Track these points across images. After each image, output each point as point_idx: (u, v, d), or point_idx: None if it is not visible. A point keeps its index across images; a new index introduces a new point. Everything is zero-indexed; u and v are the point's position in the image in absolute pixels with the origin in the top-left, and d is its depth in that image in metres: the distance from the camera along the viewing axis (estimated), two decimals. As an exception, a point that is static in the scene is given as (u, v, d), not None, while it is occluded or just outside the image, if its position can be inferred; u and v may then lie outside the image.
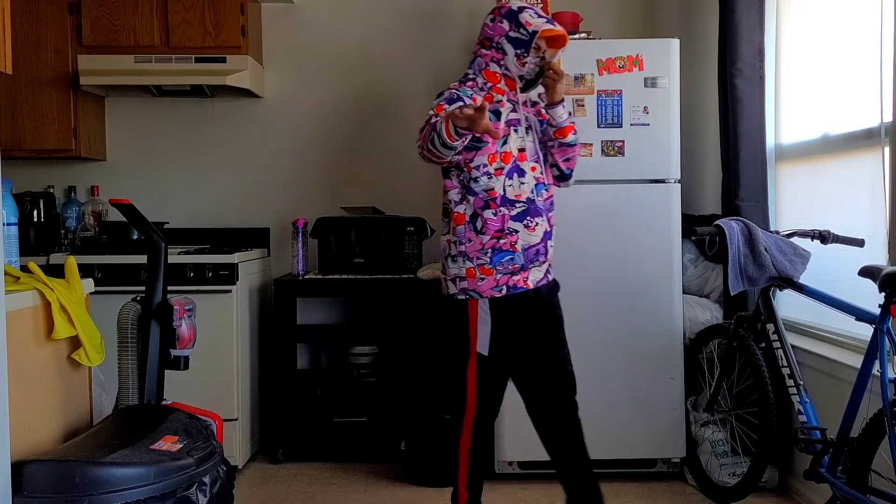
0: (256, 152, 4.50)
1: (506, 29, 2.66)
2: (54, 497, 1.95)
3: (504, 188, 2.67)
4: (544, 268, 2.78)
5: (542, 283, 2.78)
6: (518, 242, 2.69)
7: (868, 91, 2.92)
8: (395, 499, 3.52)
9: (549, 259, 2.79)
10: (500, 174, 2.67)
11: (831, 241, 3.00)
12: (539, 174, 2.75)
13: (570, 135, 2.79)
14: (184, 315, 2.58)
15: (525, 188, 2.70)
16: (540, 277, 2.77)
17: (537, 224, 2.71)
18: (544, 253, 2.76)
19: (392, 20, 4.49)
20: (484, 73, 2.74)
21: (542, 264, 2.76)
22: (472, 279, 2.70)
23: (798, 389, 3.04)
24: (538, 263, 2.75)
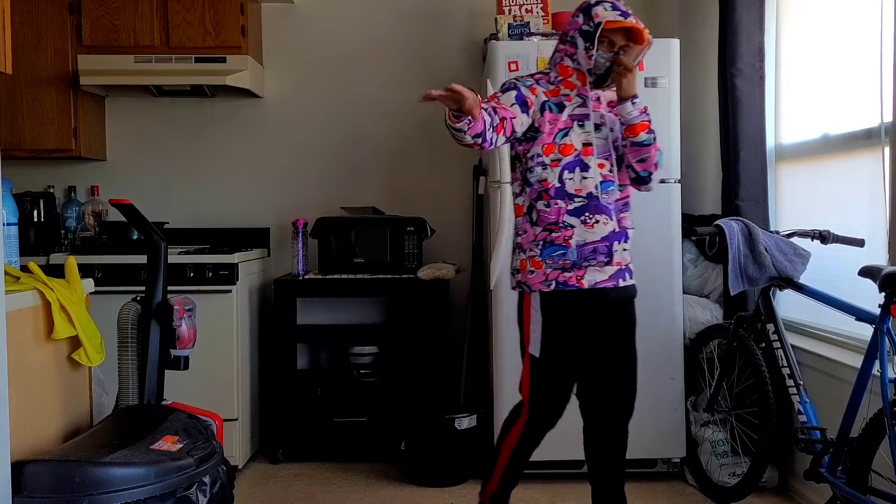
0: (256, 152, 4.50)
1: (579, 23, 2.60)
2: (54, 497, 1.95)
3: (561, 180, 2.59)
4: (609, 270, 2.62)
5: (606, 285, 2.62)
6: (573, 238, 2.59)
7: (868, 91, 2.92)
8: (395, 499, 3.52)
9: (615, 262, 2.63)
10: (555, 166, 2.60)
11: (831, 241, 3.00)
12: (608, 172, 2.62)
13: (641, 133, 2.60)
14: (184, 315, 2.58)
15: (588, 183, 2.59)
16: (601, 279, 2.62)
17: (597, 221, 2.59)
18: (605, 253, 2.61)
19: (392, 20, 4.49)
20: (557, 66, 2.68)
21: (605, 266, 2.61)
22: (524, 271, 2.65)
23: (798, 389, 3.04)
24: (596, 263, 2.61)
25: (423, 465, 3.70)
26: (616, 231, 2.63)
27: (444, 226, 4.36)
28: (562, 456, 3.64)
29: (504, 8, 3.98)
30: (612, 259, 2.62)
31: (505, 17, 3.86)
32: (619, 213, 2.65)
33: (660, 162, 2.66)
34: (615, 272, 2.64)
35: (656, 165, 2.65)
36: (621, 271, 2.66)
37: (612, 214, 2.62)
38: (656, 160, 2.64)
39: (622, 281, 2.66)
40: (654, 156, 2.63)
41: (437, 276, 3.90)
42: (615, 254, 2.62)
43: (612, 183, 2.63)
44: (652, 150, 2.62)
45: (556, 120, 2.61)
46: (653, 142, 2.61)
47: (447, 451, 3.67)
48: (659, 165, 2.66)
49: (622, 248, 2.65)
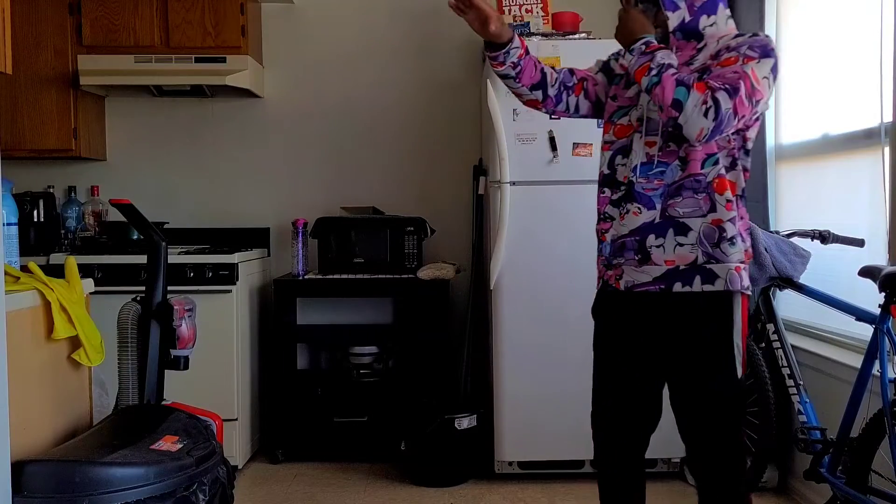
0: (256, 152, 4.50)
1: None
2: (54, 497, 1.95)
3: (611, 166, 2.25)
4: (652, 271, 2.16)
5: (649, 288, 2.17)
6: (609, 231, 2.25)
7: (868, 91, 2.92)
8: (395, 499, 3.52)
9: (655, 261, 2.15)
10: (607, 149, 2.28)
11: (831, 241, 3.00)
12: (656, 151, 2.16)
13: (641, 79, 2.09)
14: (184, 315, 2.58)
15: (625, 169, 2.21)
16: (642, 281, 2.18)
17: (628, 211, 2.19)
18: (634, 249, 2.18)
19: (392, 20, 4.48)
20: None
21: (641, 263, 2.17)
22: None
23: (798, 389, 3.04)
24: (628, 261, 2.20)
25: (423, 465, 3.70)
26: (647, 223, 2.17)
27: (444, 226, 4.36)
28: (561, 456, 3.65)
29: (504, 8, 3.98)
30: (650, 258, 2.17)
31: (505, 17, 3.86)
32: (663, 201, 2.16)
33: (683, 99, 2.00)
34: (662, 274, 2.15)
35: (673, 107, 2.02)
36: (672, 273, 2.15)
37: (648, 203, 2.17)
38: (669, 101, 2.02)
39: (670, 285, 2.15)
40: (662, 97, 2.03)
41: (437, 276, 3.90)
42: (651, 251, 2.16)
43: (652, 165, 2.17)
44: (657, 92, 2.04)
45: (620, 95, 2.29)
46: (657, 81, 2.05)
47: (447, 451, 3.67)
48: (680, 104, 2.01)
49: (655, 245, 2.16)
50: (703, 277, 2.12)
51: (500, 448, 3.67)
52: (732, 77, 2.04)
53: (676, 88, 2.02)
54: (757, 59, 2.07)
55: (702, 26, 2.19)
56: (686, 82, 2.02)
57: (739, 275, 2.14)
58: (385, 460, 3.89)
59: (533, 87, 2.33)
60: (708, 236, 2.13)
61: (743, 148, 2.18)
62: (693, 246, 2.13)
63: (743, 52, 2.08)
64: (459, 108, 4.46)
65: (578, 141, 3.59)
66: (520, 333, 3.64)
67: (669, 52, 2.12)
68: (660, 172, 2.17)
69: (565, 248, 3.60)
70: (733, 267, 2.12)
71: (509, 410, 3.65)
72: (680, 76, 2.04)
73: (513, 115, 3.61)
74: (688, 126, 2.02)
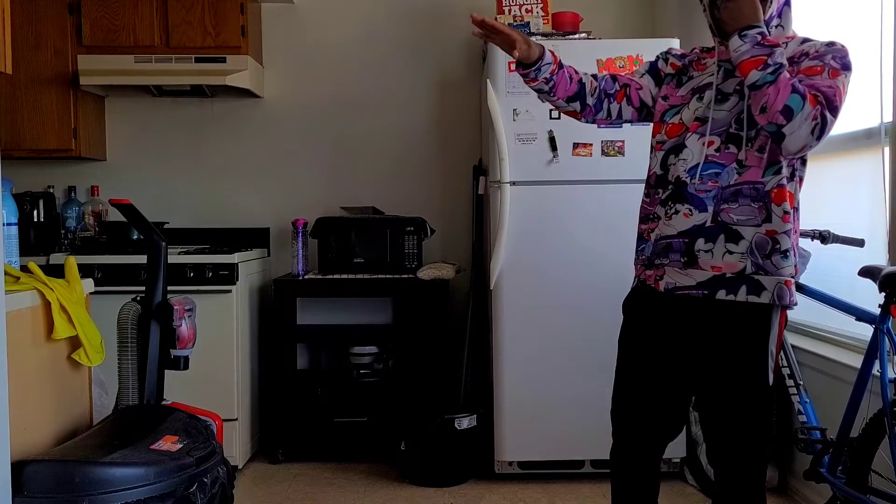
0: (256, 152, 4.50)
1: None
2: (54, 497, 1.95)
3: (664, 166, 2.19)
4: (697, 276, 2.11)
5: (691, 293, 2.12)
6: (655, 231, 2.19)
7: (868, 91, 2.92)
8: (395, 499, 3.52)
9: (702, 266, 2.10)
10: (659, 149, 2.22)
11: (831, 241, 3.00)
12: (714, 151, 2.09)
13: (752, 72, 1.95)
14: (184, 315, 2.57)
15: (678, 168, 2.14)
16: (685, 285, 2.13)
17: (677, 212, 2.13)
18: (680, 251, 2.12)
19: (392, 20, 4.49)
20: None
21: (686, 266, 2.12)
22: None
23: (798, 389, 3.04)
24: (672, 263, 2.15)
25: (423, 465, 3.70)
26: (698, 225, 2.10)
27: (444, 226, 4.36)
28: (561, 456, 3.65)
29: (504, 8, 3.98)
30: (696, 261, 2.11)
31: (505, 17, 3.86)
32: (716, 204, 2.09)
33: (795, 108, 1.90)
34: (708, 279, 2.10)
35: (782, 113, 1.91)
36: (720, 279, 2.08)
37: (700, 205, 2.10)
38: (780, 106, 1.91)
39: (716, 292, 2.09)
40: (773, 100, 1.92)
41: (437, 276, 3.90)
42: (698, 254, 2.10)
43: (713, 165, 2.09)
44: (769, 93, 1.92)
45: (672, 94, 2.26)
46: (771, 80, 1.92)
47: (447, 451, 3.67)
48: (791, 112, 1.91)
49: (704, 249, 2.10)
50: (749, 288, 2.07)
51: (500, 448, 3.67)
52: (829, 92, 1.95)
53: (791, 95, 1.92)
54: (842, 72, 2.00)
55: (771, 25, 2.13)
56: (802, 92, 1.92)
57: (789, 289, 2.08)
58: (385, 460, 3.89)
59: (569, 99, 2.30)
60: (760, 247, 2.06)
61: (801, 158, 2.10)
62: (743, 255, 2.07)
63: (828, 63, 2.01)
64: (459, 108, 4.46)
65: (578, 141, 3.59)
66: (520, 333, 3.64)
67: (783, 52, 2.01)
68: (715, 174, 2.09)
69: (565, 248, 3.60)
70: (783, 281, 2.07)
71: (509, 410, 3.65)
72: (795, 83, 1.94)
73: (513, 116, 3.61)
74: (792, 137, 1.94)
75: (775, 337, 2.12)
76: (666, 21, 4.40)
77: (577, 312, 3.59)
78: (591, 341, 3.52)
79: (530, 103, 3.57)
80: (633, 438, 2.34)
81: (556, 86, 2.28)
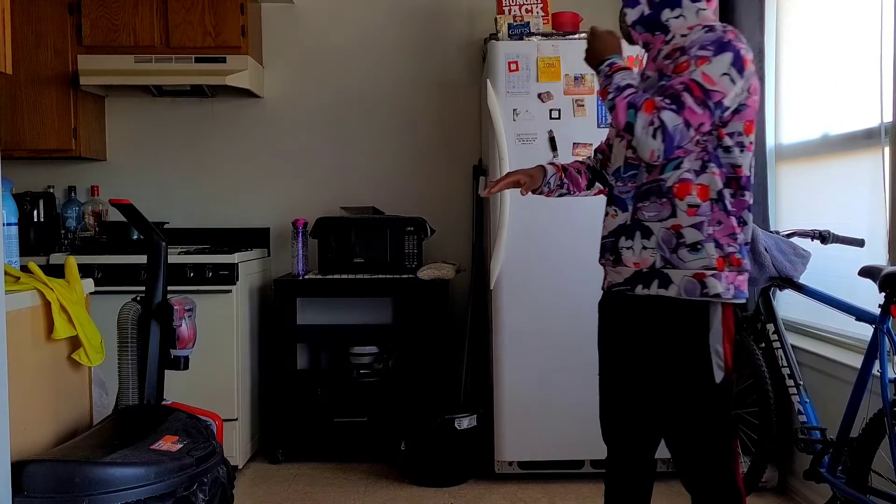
0: (256, 152, 4.50)
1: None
2: (54, 497, 1.95)
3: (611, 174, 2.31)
4: (622, 272, 2.20)
5: (622, 289, 2.21)
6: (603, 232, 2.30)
7: (868, 91, 2.92)
8: (395, 499, 3.52)
9: (626, 262, 2.18)
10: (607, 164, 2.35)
11: (831, 241, 3.00)
12: (632, 154, 2.14)
13: (605, 102, 2.15)
14: (184, 315, 2.57)
15: (609, 172, 2.31)
16: (616, 282, 2.23)
17: (607, 214, 2.27)
18: (610, 250, 2.23)
19: (392, 20, 4.49)
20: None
21: (615, 264, 2.22)
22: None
23: (798, 389, 3.04)
24: (607, 262, 2.27)
25: (423, 465, 3.70)
26: (623, 224, 2.20)
27: (444, 226, 4.36)
28: (561, 456, 3.65)
29: (504, 8, 3.98)
30: (621, 259, 2.20)
31: (505, 17, 3.86)
32: (636, 202, 2.18)
33: (632, 121, 2.02)
34: (631, 275, 2.18)
35: (626, 130, 2.06)
36: (643, 274, 2.15)
37: (622, 205, 2.21)
38: (622, 125, 2.06)
39: (639, 288, 2.16)
40: (617, 121, 2.08)
41: (437, 276, 3.90)
42: (622, 252, 2.19)
43: (630, 167, 2.20)
44: (614, 116, 2.09)
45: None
46: (612, 105, 2.10)
47: (447, 451, 3.67)
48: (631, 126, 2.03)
49: (626, 246, 2.18)
50: (660, 282, 2.12)
51: (500, 448, 3.67)
52: (678, 89, 2.01)
53: (627, 112, 2.04)
54: (710, 58, 2.02)
55: (664, 18, 2.17)
56: (636, 104, 2.03)
57: (700, 282, 2.08)
58: (385, 460, 3.89)
59: (589, 185, 2.45)
60: (666, 241, 2.11)
61: (720, 147, 2.09)
62: (654, 250, 2.13)
63: (694, 54, 2.04)
64: (459, 108, 4.46)
65: (578, 141, 3.59)
66: (520, 333, 3.64)
67: (631, 72, 2.15)
68: (632, 175, 2.19)
69: (565, 247, 3.60)
70: (691, 273, 2.08)
71: (509, 410, 3.65)
72: (632, 98, 2.05)
73: (513, 115, 3.61)
74: (639, 148, 2.03)
75: (718, 334, 2.11)
76: (666, 21, 4.39)
77: (576, 312, 3.59)
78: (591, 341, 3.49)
79: (530, 103, 3.58)
80: (618, 442, 2.36)
81: (571, 185, 2.44)
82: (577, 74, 3.58)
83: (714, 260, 2.08)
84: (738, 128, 2.09)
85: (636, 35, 2.24)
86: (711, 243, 2.09)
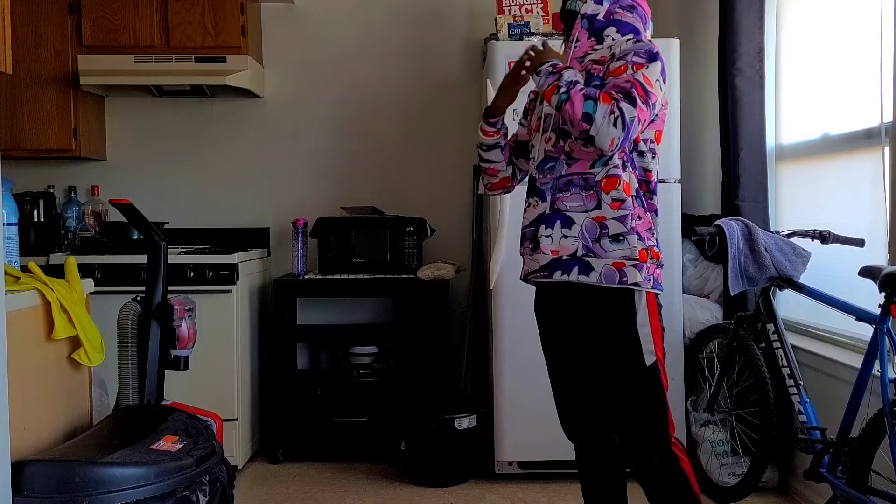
0: (256, 152, 4.50)
1: None
2: (54, 497, 1.95)
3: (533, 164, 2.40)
4: (539, 259, 2.29)
5: (537, 278, 2.33)
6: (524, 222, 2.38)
7: (868, 91, 2.92)
8: (395, 499, 3.52)
9: (543, 250, 2.27)
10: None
11: (831, 241, 3.00)
12: (551, 147, 2.29)
13: (552, 97, 2.17)
14: (184, 315, 2.58)
15: (531, 165, 2.39)
16: (532, 269, 2.34)
17: (529, 205, 2.36)
18: (530, 239, 2.32)
19: (392, 20, 4.49)
20: None
21: (533, 252, 2.31)
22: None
23: (798, 389, 3.04)
24: (525, 250, 2.36)
25: (423, 465, 3.70)
26: (543, 214, 2.29)
27: (444, 226, 4.36)
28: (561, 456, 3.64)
29: (504, 8, 3.98)
30: (538, 247, 2.28)
31: (505, 17, 3.86)
32: (556, 193, 2.26)
33: (591, 111, 2.08)
34: (547, 263, 2.27)
35: (584, 120, 2.09)
36: (558, 264, 2.25)
37: (541, 196, 2.30)
38: (579, 115, 2.09)
39: (552, 275, 2.26)
40: (572, 113, 2.10)
41: (437, 276, 3.90)
42: (540, 241, 2.27)
43: (552, 159, 2.29)
44: (567, 108, 2.11)
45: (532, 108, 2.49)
46: (566, 98, 2.12)
47: (447, 451, 3.67)
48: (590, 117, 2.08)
49: (544, 234, 2.27)
50: (581, 269, 2.22)
51: (500, 448, 3.66)
52: (626, 86, 2.13)
53: (585, 102, 2.10)
54: (645, 64, 2.17)
55: (606, 33, 2.31)
56: (593, 96, 2.11)
57: (619, 271, 2.20)
58: (385, 460, 3.89)
59: (508, 163, 2.52)
60: (589, 231, 2.22)
61: (636, 150, 2.26)
62: (576, 238, 2.23)
63: (630, 60, 2.18)
64: (459, 108, 4.46)
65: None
66: (520, 333, 3.63)
67: (576, 71, 2.23)
68: (551, 168, 2.29)
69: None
70: (611, 262, 2.20)
71: (509, 410, 3.65)
72: (587, 91, 2.13)
73: (513, 115, 3.60)
74: (599, 137, 2.09)
75: (645, 318, 2.23)
76: (666, 21, 4.40)
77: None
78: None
79: (530, 103, 3.57)
80: (578, 434, 2.49)
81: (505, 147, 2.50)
82: (577, 74, 3.58)
83: (637, 251, 2.21)
84: (650, 135, 2.27)
85: (577, 26, 2.33)
86: (634, 236, 2.21)
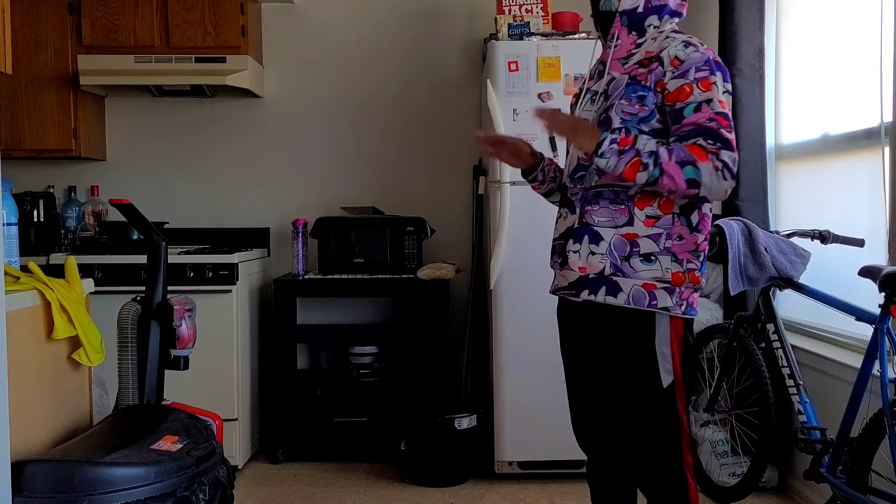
0: (256, 152, 4.50)
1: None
2: (54, 497, 1.95)
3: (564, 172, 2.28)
4: (567, 275, 2.15)
5: (566, 295, 2.20)
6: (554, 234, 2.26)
7: (868, 91, 2.92)
8: (395, 499, 3.52)
9: (571, 266, 2.12)
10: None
11: (831, 241, 3.00)
12: (584, 154, 2.10)
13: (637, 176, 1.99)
14: (184, 315, 2.58)
15: (565, 171, 2.26)
16: (561, 286, 2.21)
17: (560, 216, 2.23)
18: (559, 253, 2.18)
19: (392, 20, 4.49)
20: None
21: (562, 267, 2.17)
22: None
23: (798, 389, 3.04)
24: (555, 265, 2.22)
25: (423, 465, 3.70)
26: (573, 227, 2.14)
27: (444, 226, 4.36)
28: (561, 456, 3.65)
29: (504, 8, 3.98)
30: (567, 262, 2.14)
31: (505, 17, 3.86)
32: (585, 205, 2.12)
33: (696, 177, 1.95)
34: (576, 280, 2.13)
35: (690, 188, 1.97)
36: (588, 282, 2.10)
37: (571, 207, 2.16)
38: (683, 186, 1.96)
39: (581, 295, 2.12)
40: (674, 185, 1.96)
41: (437, 276, 3.90)
42: (569, 256, 2.13)
43: (583, 167, 2.14)
44: (666, 183, 1.96)
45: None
46: (658, 174, 1.95)
47: (447, 451, 3.67)
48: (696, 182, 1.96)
49: (572, 249, 2.12)
50: (608, 289, 2.07)
51: (500, 448, 3.67)
52: (712, 126, 1.98)
53: (683, 170, 1.95)
54: (713, 82, 2.01)
55: (647, 23, 2.15)
56: (688, 160, 1.95)
57: (650, 293, 2.04)
58: (385, 460, 3.89)
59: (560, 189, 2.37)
60: (618, 248, 2.06)
61: None
62: (603, 256, 2.07)
63: (694, 77, 2.00)
64: (459, 108, 4.46)
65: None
66: (520, 333, 3.64)
67: (647, 138, 2.03)
68: (581, 177, 2.14)
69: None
70: (641, 283, 2.05)
71: (509, 410, 3.65)
72: (679, 156, 1.95)
73: (513, 115, 3.61)
74: (712, 195, 2.01)
75: (666, 337, 2.08)
76: (666, 21, 4.40)
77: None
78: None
79: (530, 103, 3.57)
80: (590, 446, 2.38)
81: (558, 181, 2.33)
82: (577, 74, 3.58)
83: (669, 273, 2.06)
84: None
85: (617, 25, 2.15)
86: (668, 256, 2.06)
